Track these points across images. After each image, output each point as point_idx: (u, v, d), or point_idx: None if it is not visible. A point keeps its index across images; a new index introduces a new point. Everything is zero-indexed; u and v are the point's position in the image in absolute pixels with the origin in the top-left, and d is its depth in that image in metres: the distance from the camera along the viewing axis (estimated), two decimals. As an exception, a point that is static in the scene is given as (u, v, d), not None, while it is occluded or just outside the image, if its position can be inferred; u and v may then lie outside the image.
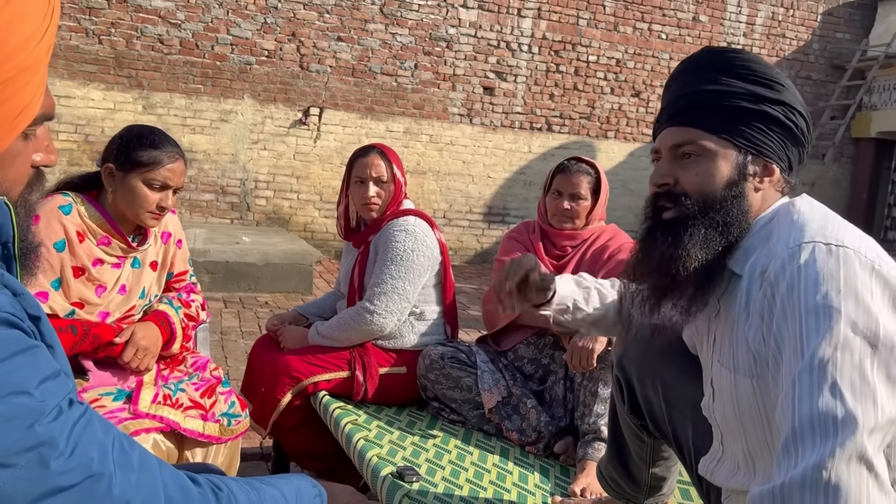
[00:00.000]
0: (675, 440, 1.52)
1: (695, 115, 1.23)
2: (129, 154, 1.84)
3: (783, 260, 1.09)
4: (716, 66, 1.24)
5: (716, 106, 1.22)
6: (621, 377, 1.61)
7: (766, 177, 1.24)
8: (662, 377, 1.49)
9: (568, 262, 2.43)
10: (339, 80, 8.65)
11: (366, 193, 2.38)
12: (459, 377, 2.29)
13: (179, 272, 2.14)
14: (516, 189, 9.63)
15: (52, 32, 0.83)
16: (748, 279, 1.18)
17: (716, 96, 1.22)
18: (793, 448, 0.95)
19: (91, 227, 1.87)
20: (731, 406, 1.22)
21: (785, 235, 1.13)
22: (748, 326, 1.15)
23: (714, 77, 1.23)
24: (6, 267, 0.85)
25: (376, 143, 2.48)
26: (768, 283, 1.10)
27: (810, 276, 1.04)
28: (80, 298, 1.85)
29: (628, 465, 1.70)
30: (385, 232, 2.35)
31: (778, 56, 10.68)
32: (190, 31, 8.03)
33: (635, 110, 10.07)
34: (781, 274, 1.08)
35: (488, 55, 9.27)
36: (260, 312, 5.60)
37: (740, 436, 1.24)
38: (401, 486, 1.72)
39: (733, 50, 1.27)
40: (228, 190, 8.42)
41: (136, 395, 1.83)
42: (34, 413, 0.72)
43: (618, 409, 1.68)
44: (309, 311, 2.62)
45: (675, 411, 1.47)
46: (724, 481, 1.31)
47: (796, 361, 1.00)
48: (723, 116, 1.22)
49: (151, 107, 7.97)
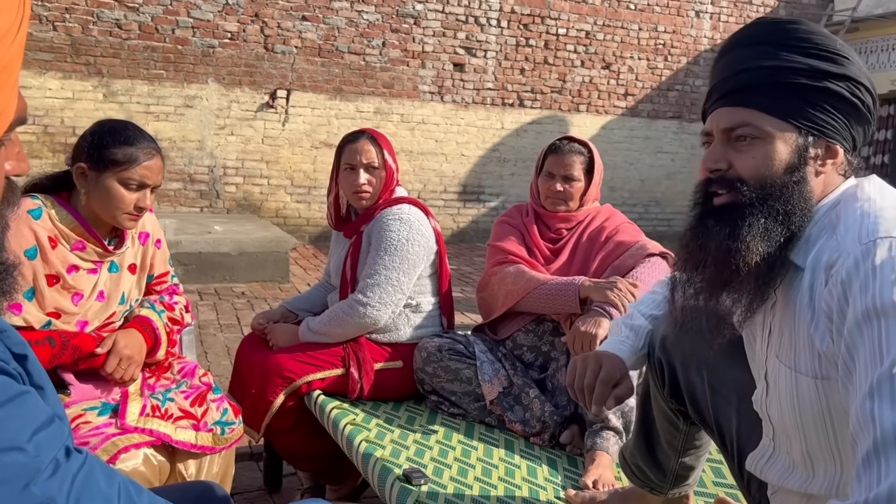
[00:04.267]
0: (716, 428, 1.45)
1: (750, 95, 1.14)
2: (103, 152, 1.71)
3: (856, 257, 1.01)
4: (772, 39, 1.14)
5: (773, 84, 1.13)
6: (663, 358, 1.53)
7: (830, 159, 1.14)
8: (708, 361, 1.41)
9: (564, 246, 2.36)
10: (306, 60, 8.45)
11: (356, 181, 2.27)
12: (458, 369, 2.21)
13: (160, 274, 2.02)
14: (490, 166, 9.55)
15: (25, 27, 0.72)
16: (811, 273, 1.09)
17: (773, 73, 1.12)
18: (875, 462, 0.88)
19: (63, 231, 1.74)
20: (789, 405, 1.16)
21: (855, 227, 1.05)
22: (814, 326, 1.08)
23: (770, 52, 1.13)
24: (-18, 297, 0.74)
25: (366, 129, 2.37)
26: (839, 282, 1.02)
27: (888, 277, 0.96)
28: (56, 308, 1.73)
29: (655, 452, 1.64)
30: (378, 221, 2.25)
31: (745, 22, 10.66)
32: (149, 14, 7.76)
33: (606, 82, 10.01)
34: (854, 272, 1.00)
35: (457, 31, 9.13)
36: (237, 304, 5.47)
37: (799, 436, 1.17)
38: (410, 491, 1.65)
39: (790, 21, 1.16)
40: (196, 178, 8.22)
41: (123, 409, 1.72)
42: (29, 471, 0.63)
43: (653, 393, 1.60)
44: (297, 307, 2.51)
45: (719, 398, 1.40)
46: (777, 480, 1.24)
47: (874, 368, 0.93)
48: (781, 95, 1.12)
49: (112, 95, 7.71)
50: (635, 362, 1.54)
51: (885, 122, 10.90)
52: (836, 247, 1.06)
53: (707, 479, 1.86)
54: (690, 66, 10.42)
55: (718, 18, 10.50)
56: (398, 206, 2.27)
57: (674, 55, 10.32)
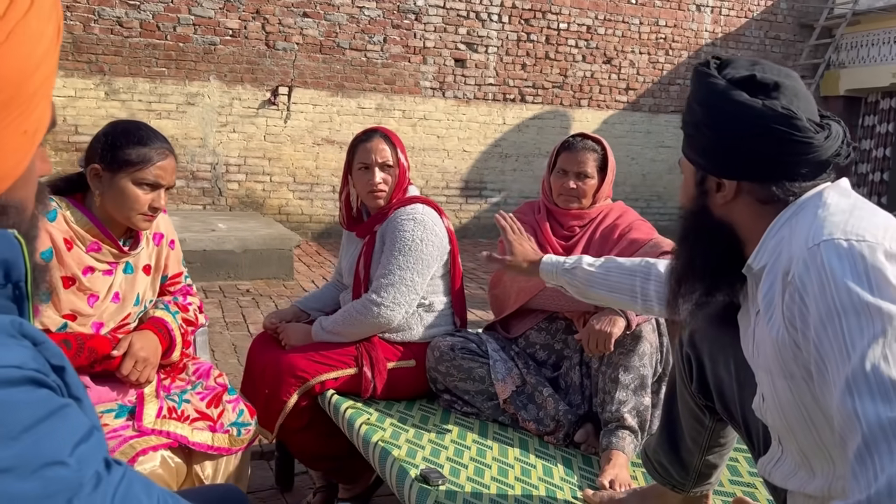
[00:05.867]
0: (744, 424, 1.47)
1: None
2: (116, 153, 1.71)
3: (805, 261, 1.06)
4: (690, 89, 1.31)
5: (685, 134, 1.33)
6: (692, 353, 1.55)
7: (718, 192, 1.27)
8: (736, 356, 1.42)
9: (577, 243, 2.35)
10: (307, 57, 8.43)
11: (372, 180, 2.25)
12: (471, 368, 2.21)
13: (174, 275, 2.01)
14: (492, 162, 9.53)
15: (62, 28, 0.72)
16: (769, 278, 1.16)
17: (683, 124, 1.32)
18: (868, 459, 0.91)
19: (79, 233, 1.73)
20: (776, 408, 1.21)
21: (803, 232, 1.11)
22: (771, 327, 1.14)
23: (687, 105, 1.30)
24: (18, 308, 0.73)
25: (378, 127, 2.36)
26: (794, 288, 1.07)
27: (839, 276, 1.01)
28: (72, 310, 1.72)
29: (679, 449, 1.64)
30: (392, 221, 2.24)
31: (746, 17, 10.65)
32: (150, 12, 7.74)
33: (607, 77, 9.99)
34: (807, 276, 1.05)
35: (458, 26, 9.10)
36: (242, 301, 5.46)
37: (791, 437, 1.22)
38: (430, 492, 1.64)
39: (699, 66, 1.29)
40: (199, 175, 8.21)
41: (140, 411, 1.72)
42: (72, 486, 0.62)
43: (679, 389, 1.62)
44: (309, 306, 2.50)
45: (747, 394, 1.41)
46: (782, 482, 1.27)
47: (844, 365, 0.97)
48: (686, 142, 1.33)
49: (114, 92, 7.69)
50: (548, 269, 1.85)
51: (886, 116, 10.88)
52: (788, 253, 1.12)
53: (723, 478, 1.86)
54: (691, 61, 10.40)
55: (719, 12, 10.48)
56: (412, 206, 2.26)
57: (675, 49, 10.30)
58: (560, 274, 1.82)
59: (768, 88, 1.18)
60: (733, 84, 1.20)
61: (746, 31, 10.61)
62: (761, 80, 1.19)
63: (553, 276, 1.85)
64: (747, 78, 1.20)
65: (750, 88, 1.19)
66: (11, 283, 0.71)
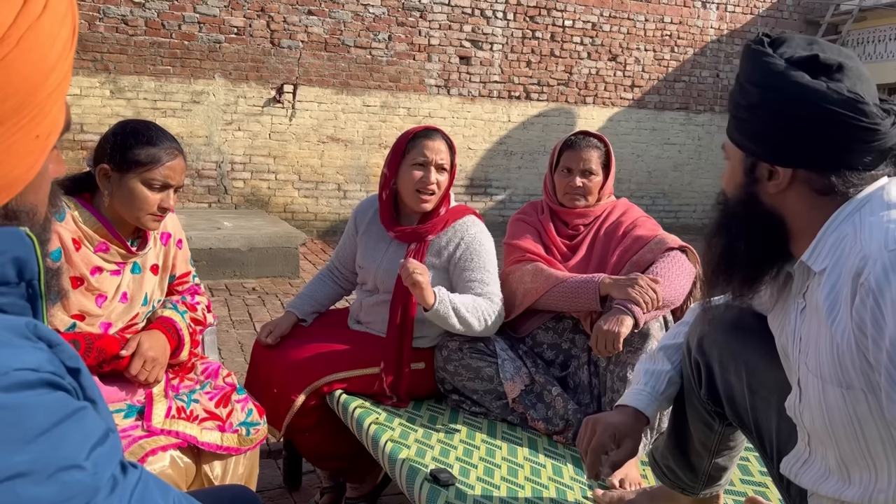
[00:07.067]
0: (755, 430, 1.43)
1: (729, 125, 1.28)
2: (126, 153, 1.70)
3: (884, 264, 1.00)
4: (740, 68, 1.23)
5: (733, 116, 1.25)
6: (700, 360, 1.50)
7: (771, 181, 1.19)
8: (747, 362, 1.40)
9: (581, 242, 2.34)
10: (312, 55, 8.42)
11: (428, 177, 2.20)
12: (479, 367, 2.20)
13: (182, 274, 2.01)
14: (497, 160, 9.52)
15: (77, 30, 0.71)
16: (835, 279, 1.09)
17: (732, 106, 1.24)
18: None
19: (87, 233, 1.73)
20: (819, 413, 1.15)
21: (879, 233, 1.03)
22: (835, 330, 1.07)
23: (736, 83, 1.23)
24: (32, 308, 0.73)
25: (435, 127, 2.31)
26: (867, 290, 1.01)
27: None
28: (81, 310, 1.72)
29: (688, 453, 1.62)
30: (465, 233, 2.26)
31: (752, 13, 10.61)
32: (155, 10, 7.74)
33: (613, 74, 9.96)
34: (885, 282, 0.99)
35: (463, 24, 9.08)
36: (248, 299, 5.46)
37: (832, 443, 1.16)
38: (440, 492, 1.64)
39: (750, 43, 1.20)
40: (204, 173, 8.21)
41: (149, 411, 1.72)
42: (89, 490, 0.61)
43: (687, 394, 1.58)
44: (305, 310, 2.43)
45: (759, 399, 1.39)
46: (812, 485, 1.23)
47: None
48: (732, 125, 1.26)
49: (119, 91, 7.70)
50: (658, 407, 1.56)
51: (893, 112, 10.83)
52: (860, 253, 1.05)
53: (735, 477, 1.85)
54: (697, 57, 10.37)
55: (725, 9, 10.44)
56: (473, 219, 2.30)
57: (680, 46, 10.27)
58: (662, 402, 1.59)
59: (831, 70, 1.10)
60: (793, 64, 1.11)
61: (752, 27, 10.57)
62: (824, 60, 1.10)
63: (657, 409, 1.59)
64: (809, 58, 1.11)
65: (811, 69, 1.10)
66: (25, 281, 0.70)
